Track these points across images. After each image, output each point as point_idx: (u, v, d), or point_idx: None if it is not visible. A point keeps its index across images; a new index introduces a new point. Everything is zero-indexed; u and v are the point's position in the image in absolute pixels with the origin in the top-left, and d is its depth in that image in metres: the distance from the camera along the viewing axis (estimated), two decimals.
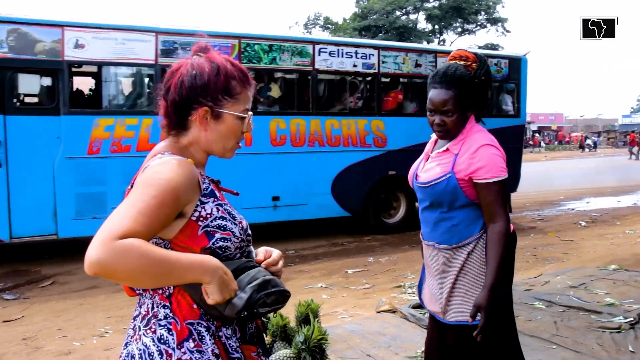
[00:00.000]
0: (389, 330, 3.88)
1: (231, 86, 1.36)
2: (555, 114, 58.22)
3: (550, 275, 5.49)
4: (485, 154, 2.01)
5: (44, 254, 7.53)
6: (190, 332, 1.29)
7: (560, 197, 13.51)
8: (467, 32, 41.84)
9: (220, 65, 1.36)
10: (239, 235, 1.36)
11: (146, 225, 1.16)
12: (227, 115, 1.37)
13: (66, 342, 4.25)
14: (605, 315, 4.06)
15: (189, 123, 1.38)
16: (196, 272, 1.19)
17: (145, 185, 1.22)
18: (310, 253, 7.58)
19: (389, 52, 8.89)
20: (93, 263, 1.09)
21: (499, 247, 1.98)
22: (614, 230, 8.94)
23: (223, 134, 1.39)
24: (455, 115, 2.05)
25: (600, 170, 22.03)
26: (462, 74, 2.05)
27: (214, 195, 1.35)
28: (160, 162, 1.29)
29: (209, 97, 1.35)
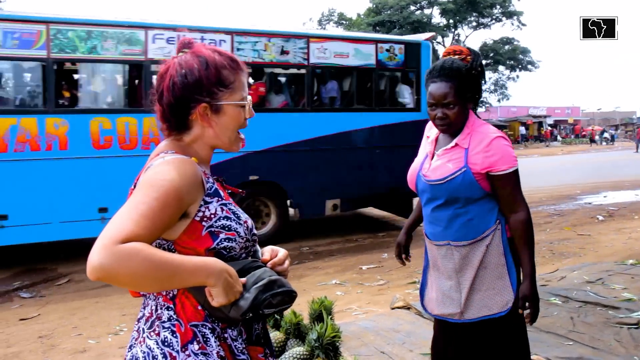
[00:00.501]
0: (403, 327, 3.85)
1: (223, 76, 1.34)
2: (572, 108, 57.48)
3: (566, 270, 5.41)
4: (498, 146, 2.02)
5: (60, 252, 7.61)
6: (194, 334, 1.27)
7: (577, 191, 13.33)
8: (482, 26, 41.45)
9: (208, 58, 1.33)
10: (244, 235, 1.34)
11: (149, 228, 1.14)
12: (227, 106, 1.35)
13: (81, 340, 4.29)
14: (623, 311, 3.99)
15: (190, 122, 1.35)
16: (200, 275, 1.18)
17: (148, 186, 1.20)
18: (325, 249, 7.57)
19: (245, 37, 7.58)
20: (95, 268, 1.07)
21: (527, 235, 2.03)
22: (632, 225, 8.80)
23: (227, 125, 1.36)
24: (457, 107, 2.05)
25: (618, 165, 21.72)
26: (460, 66, 2.06)
27: (218, 194, 1.33)
28: (163, 162, 1.27)
29: (205, 93, 1.32)
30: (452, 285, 2.12)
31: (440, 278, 2.18)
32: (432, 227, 2.17)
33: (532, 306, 1.99)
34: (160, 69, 1.37)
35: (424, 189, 2.15)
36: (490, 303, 2.05)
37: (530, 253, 2.01)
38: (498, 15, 40.42)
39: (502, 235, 2.07)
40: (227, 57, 1.37)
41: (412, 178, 2.24)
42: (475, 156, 2.02)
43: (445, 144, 2.13)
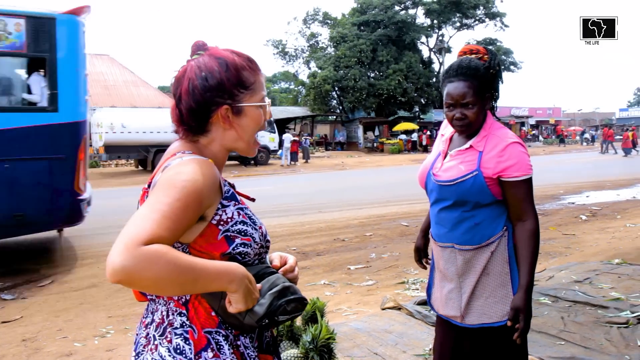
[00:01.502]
0: (395, 328, 3.83)
1: (244, 77, 1.32)
2: (553, 108, 58.15)
3: (554, 270, 5.45)
4: (514, 152, 1.96)
5: (42, 252, 7.48)
6: (208, 342, 1.23)
7: (560, 191, 13.47)
8: (465, 27, 41.83)
9: (227, 59, 1.31)
10: (259, 241, 1.31)
11: (171, 229, 1.10)
12: (248, 107, 1.33)
13: (67, 342, 4.20)
14: (612, 310, 4.02)
15: (209, 125, 1.32)
16: (223, 281, 1.14)
17: (169, 187, 1.16)
18: (312, 249, 7.53)
19: None
20: (117, 270, 1.02)
21: (531, 246, 1.95)
22: (615, 224, 8.91)
23: (248, 127, 1.34)
24: (476, 107, 2.00)
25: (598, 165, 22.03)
26: (478, 65, 2.02)
27: (235, 198, 1.30)
28: (182, 162, 1.23)
29: (226, 95, 1.29)
30: (453, 289, 2.08)
31: (442, 279, 2.15)
32: (438, 228, 2.12)
33: (522, 319, 1.90)
34: (176, 73, 1.34)
35: (433, 188, 2.11)
36: (491, 311, 2.00)
37: (532, 265, 1.94)
38: (481, 17, 40.89)
39: (508, 243, 2.02)
40: (245, 57, 1.34)
41: (422, 176, 2.19)
42: (488, 160, 1.97)
43: (459, 145, 2.09)
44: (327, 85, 36.81)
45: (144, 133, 21.20)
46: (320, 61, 39.03)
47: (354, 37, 37.83)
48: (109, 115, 21.32)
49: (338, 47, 38.48)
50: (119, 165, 25.47)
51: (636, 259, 5.89)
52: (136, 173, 21.82)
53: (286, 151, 25.57)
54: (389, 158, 30.70)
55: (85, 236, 8.59)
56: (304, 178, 19.58)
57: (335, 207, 11.34)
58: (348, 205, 11.60)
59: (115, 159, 23.22)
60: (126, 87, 35.68)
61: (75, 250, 7.60)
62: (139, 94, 35.27)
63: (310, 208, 11.28)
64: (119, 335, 4.33)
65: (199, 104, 1.28)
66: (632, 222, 8.94)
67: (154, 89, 37.48)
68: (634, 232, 8.03)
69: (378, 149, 36.80)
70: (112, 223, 9.65)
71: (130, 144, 21.30)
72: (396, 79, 37.03)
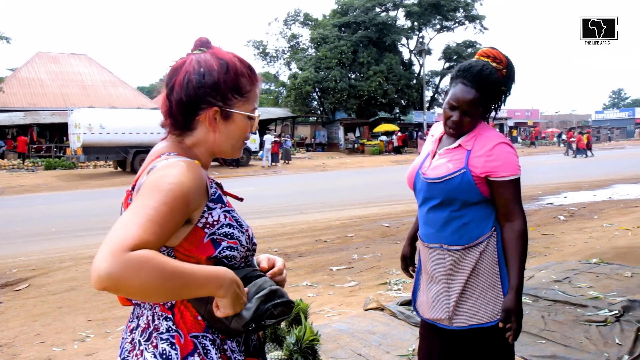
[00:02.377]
0: (378, 329, 3.84)
1: (241, 84, 1.29)
2: (531, 110, 59.00)
3: (533, 269, 5.51)
4: (502, 152, 1.96)
5: (18, 255, 7.33)
6: (195, 346, 1.21)
7: (539, 191, 13.66)
8: (445, 29, 42.21)
9: (229, 62, 1.28)
10: (245, 244, 1.29)
11: (157, 234, 1.07)
12: (237, 115, 1.30)
13: (45, 348, 4.12)
14: (591, 309, 4.08)
15: (195, 123, 1.29)
16: (211, 286, 1.12)
17: (155, 190, 1.13)
18: (294, 251, 7.51)
19: None
20: (102, 277, 0.98)
21: (520, 247, 1.95)
22: (592, 224, 9.06)
23: (233, 134, 1.32)
24: (476, 117, 2.00)
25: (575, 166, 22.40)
26: (495, 80, 1.98)
27: (221, 200, 1.27)
28: (168, 164, 1.20)
29: (219, 97, 1.27)
30: (441, 290, 2.06)
31: (429, 282, 2.12)
32: (426, 229, 2.11)
33: (515, 321, 1.90)
34: (175, 63, 1.31)
35: (421, 187, 2.09)
36: (481, 312, 1.99)
37: (521, 266, 1.94)
38: (461, 19, 41.32)
39: (497, 243, 2.01)
40: (247, 65, 1.32)
41: (411, 176, 2.17)
42: (476, 159, 1.97)
43: (448, 144, 2.09)
44: (307, 87, 36.82)
45: (123, 134, 20.97)
46: (301, 62, 39.02)
47: (335, 39, 37.90)
48: (87, 116, 21.03)
49: (319, 49, 38.52)
50: (97, 167, 25.11)
51: (613, 259, 6.00)
52: (115, 174, 21.55)
53: (267, 152, 25.51)
54: (370, 159, 30.81)
55: (64, 238, 8.46)
56: (284, 179, 19.55)
57: (317, 208, 11.34)
58: (329, 207, 11.61)
59: (94, 160, 22.92)
60: (104, 87, 35.27)
61: (53, 252, 7.46)
62: (117, 95, 34.90)
63: (291, 209, 11.27)
64: (98, 339, 4.26)
65: (190, 98, 1.26)
66: (609, 222, 9.10)
67: (133, 89, 37.11)
68: (610, 232, 8.18)
69: (359, 150, 36.91)
70: (91, 225, 9.53)
71: (109, 145, 21.05)
72: (377, 80, 37.19)
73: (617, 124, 65.05)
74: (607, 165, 22.88)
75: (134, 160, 21.09)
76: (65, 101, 31.51)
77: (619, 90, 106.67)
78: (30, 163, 24.86)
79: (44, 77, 34.02)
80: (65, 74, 34.96)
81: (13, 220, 10.40)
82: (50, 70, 34.65)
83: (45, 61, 35.30)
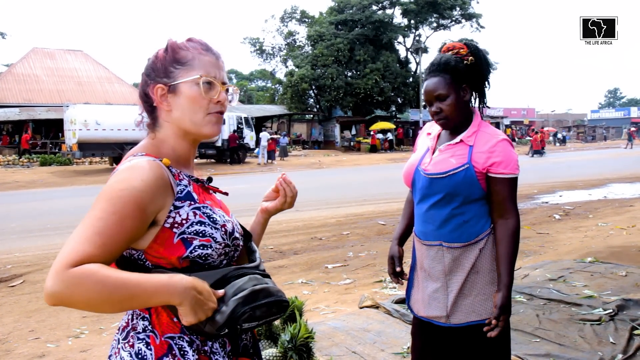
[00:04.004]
0: (373, 326, 3.84)
1: (180, 55, 1.28)
2: (527, 109, 59.10)
3: (528, 268, 5.53)
4: (504, 149, 1.98)
5: (13, 251, 7.30)
6: (169, 348, 1.18)
7: (534, 190, 13.70)
8: (442, 27, 42.21)
9: (169, 42, 1.31)
10: (221, 241, 1.23)
11: (106, 245, 1.07)
12: (182, 84, 1.26)
13: (39, 344, 4.11)
14: (585, 308, 4.09)
15: (156, 111, 1.30)
16: (162, 295, 1.09)
17: (104, 199, 1.12)
18: (289, 248, 7.51)
19: None
20: (48, 295, 1.03)
21: (512, 244, 1.97)
22: (587, 223, 9.09)
23: (186, 106, 1.26)
24: (450, 98, 2.00)
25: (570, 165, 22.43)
26: (449, 59, 2.02)
27: (190, 197, 1.23)
28: (125, 168, 1.18)
29: (162, 74, 1.27)
30: (439, 288, 2.06)
31: (426, 279, 2.11)
32: (425, 226, 2.09)
33: (505, 319, 1.91)
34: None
35: (422, 183, 2.07)
36: (480, 309, 2.00)
37: (512, 263, 1.96)
38: (458, 17, 41.31)
39: (495, 241, 2.02)
40: (191, 40, 1.32)
41: (409, 173, 2.16)
42: (479, 154, 1.98)
43: (448, 140, 2.09)
44: (304, 84, 36.77)
45: (118, 130, 20.91)
46: (298, 60, 38.97)
47: (332, 36, 37.86)
48: (82, 112, 20.96)
49: (315, 46, 38.47)
50: (92, 163, 25.03)
51: (608, 258, 6.02)
52: (110, 171, 21.43)
53: (263, 150, 25.47)
54: (366, 157, 30.81)
55: (59, 234, 8.43)
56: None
57: (312, 205, 11.33)
58: (325, 204, 11.61)
59: (89, 157, 22.84)
60: (100, 83, 35.14)
61: (48, 248, 7.44)
62: (113, 91, 34.78)
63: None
64: (93, 335, 4.25)
65: (142, 85, 1.30)
66: (604, 222, 9.13)
67: (129, 85, 36.97)
68: (605, 231, 8.21)
69: (355, 148, 36.90)
70: None
71: (105, 141, 20.98)
72: (373, 78, 37.17)
73: (612, 123, 65.23)
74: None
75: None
76: (61, 97, 31.38)
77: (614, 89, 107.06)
78: (25, 159, 24.77)
79: (40, 72, 33.88)
80: (61, 69, 34.82)
81: (8, 216, 10.36)
82: (45, 66, 34.50)
83: (41, 57, 35.15)
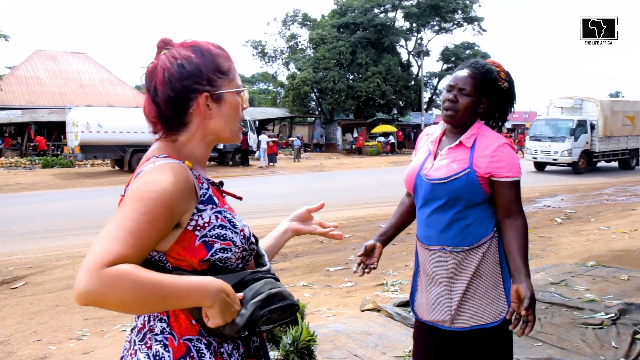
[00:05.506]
0: (374, 330, 3.84)
1: (220, 63, 1.28)
2: (529, 112, 59.08)
3: (530, 272, 5.52)
4: (505, 152, 2.00)
5: (15, 253, 7.31)
6: (187, 350, 1.19)
7: (536, 194, 13.69)
8: (444, 31, 42.24)
9: (201, 46, 1.27)
10: (240, 245, 1.25)
11: (138, 246, 1.07)
12: (227, 94, 1.28)
13: (41, 346, 4.11)
14: (587, 312, 4.10)
15: (188, 117, 1.26)
16: (195, 297, 1.10)
17: (136, 200, 1.12)
18: (291, 251, 7.51)
19: None
20: (81, 294, 1.01)
21: (523, 239, 1.98)
22: (589, 227, 9.09)
23: (228, 115, 1.29)
24: (470, 99, 2.03)
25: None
26: (492, 69, 2.08)
27: (212, 201, 1.24)
28: (152, 170, 1.17)
29: (205, 81, 1.25)
30: (442, 292, 2.06)
31: (429, 284, 2.11)
32: (427, 231, 2.10)
33: (533, 312, 1.84)
34: (146, 69, 1.28)
35: (424, 188, 2.08)
36: (483, 313, 2.01)
37: (526, 254, 1.96)
38: (460, 21, 41.33)
39: (498, 243, 2.03)
40: (216, 45, 1.31)
41: (410, 178, 2.16)
42: (480, 159, 1.99)
43: (448, 144, 2.10)
44: (306, 87, 36.78)
45: (120, 133, 20.91)
46: (300, 62, 39.00)
47: (334, 39, 37.89)
48: (85, 114, 20.97)
49: (317, 49, 38.50)
50: (94, 165, 25.04)
51: (610, 262, 6.02)
52: (112, 173, 21.50)
53: (263, 152, 25.47)
54: (368, 160, 30.81)
55: (61, 236, 8.44)
56: (282, 179, 19.54)
57: None
58: (327, 207, 11.44)
59: (91, 159, 22.84)
60: (102, 86, 35.19)
61: (50, 250, 7.45)
62: (115, 93, 34.83)
63: (288, 209, 11.15)
64: (95, 337, 4.25)
65: (177, 92, 1.23)
66: (605, 225, 9.13)
67: (131, 88, 37.02)
68: (607, 235, 8.20)
69: (356, 151, 36.90)
70: (88, 223, 9.50)
71: (107, 143, 20.99)
72: (375, 81, 37.18)
73: None
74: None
75: (131, 159, 21.04)
76: (63, 99, 31.42)
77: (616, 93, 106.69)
78: (27, 161, 24.80)
79: (42, 75, 33.93)
80: (64, 72, 34.87)
81: (10, 218, 10.37)
82: (48, 69, 34.56)
83: (44, 59, 35.21)
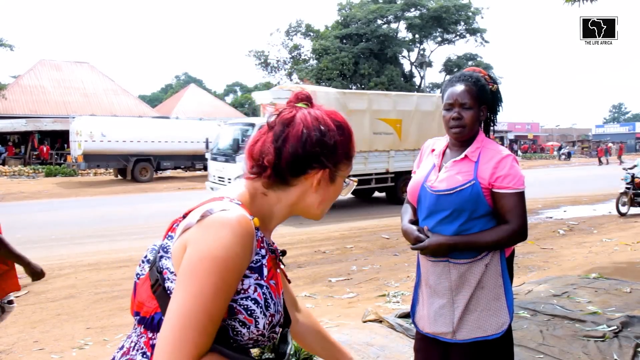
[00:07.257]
0: (376, 341, 3.84)
1: (351, 148, 1.25)
2: (531, 124, 59.17)
3: (532, 284, 5.52)
4: (508, 164, 2.03)
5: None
6: None
7: (538, 205, 13.67)
8: (446, 42, 42.40)
9: (343, 125, 1.23)
10: (261, 328, 1.13)
11: (211, 334, 1.05)
12: (339, 178, 1.25)
13: (44, 355, 4.12)
14: (589, 324, 4.08)
15: (296, 180, 1.20)
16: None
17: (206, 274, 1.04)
18: (293, 261, 7.52)
19: None
20: None
21: (498, 236, 2.00)
22: (592, 239, 9.07)
23: (330, 198, 1.26)
24: (472, 111, 2.07)
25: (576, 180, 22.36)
26: (480, 77, 2.13)
27: (260, 272, 1.14)
28: (222, 225, 1.06)
29: (333, 159, 1.20)
30: (445, 304, 2.08)
31: (432, 296, 2.13)
32: None
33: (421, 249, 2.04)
34: (282, 114, 1.21)
35: (429, 200, 2.10)
36: (485, 325, 2.02)
37: (476, 242, 1.99)
38: (462, 32, 41.48)
39: (500, 255, 2.05)
40: (348, 127, 1.26)
41: (414, 190, 2.19)
42: (484, 171, 2.02)
43: (453, 157, 2.13)
44: None
45: (124, 142, 20.99)
46: (303, 73, 39.16)
47: (336, 50, 38.08)
48: (88, 124, 21.06)
49: (320, 60, 38.68)
50: (97, 174, 25.12)
51: (612, 274, 6.01)
52: (115, 182, 21.54)
53: None
54: None
55: (63, 245, 8.46)
56: None
57: None
58: (329, 217, 11.61)
59: (94, 168, 22.90)
60: (106, 95, 35.35)
61: (52, 259, 7.46)
62: (119, 103, 34.98)
63: (290, 220, 11.24)
64: (97, 347, 4.26)
65: (307, 155, 1.17)
66: (608, 237, 9.12)
67: (135, 97, 37.21)
68: (609, 247, 8.19)
69: None
70: (91, 232, 9.53)
71: (110, 152, 21.06)
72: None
73: (617, 138, 65.06)
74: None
75: (134, 168, 21.13)
76: (67, 109, 31.58)
77: (619, 104, 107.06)
78: (30, 170, 24.89)
79: (46, 84, 34.13)
80: (67, 81, 35.06)
81: (13, 227, 10.39)
82: (52, 78, 34.76)
83: (48, 69, 35.43)
